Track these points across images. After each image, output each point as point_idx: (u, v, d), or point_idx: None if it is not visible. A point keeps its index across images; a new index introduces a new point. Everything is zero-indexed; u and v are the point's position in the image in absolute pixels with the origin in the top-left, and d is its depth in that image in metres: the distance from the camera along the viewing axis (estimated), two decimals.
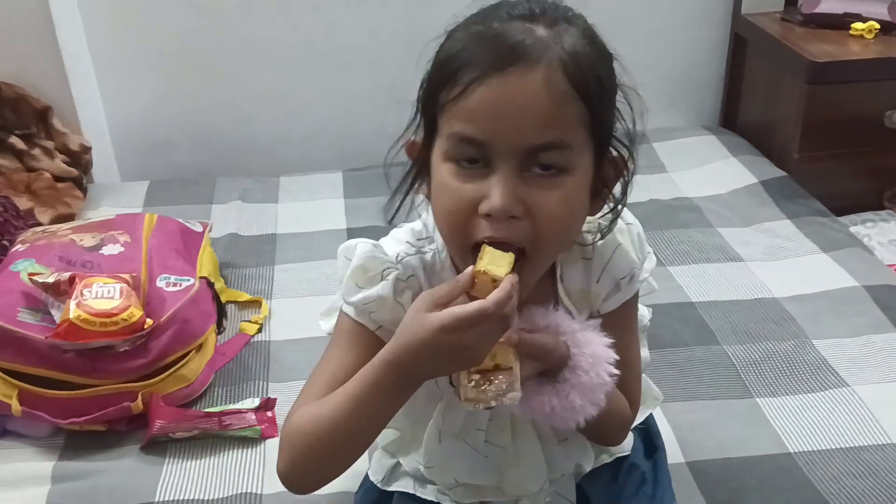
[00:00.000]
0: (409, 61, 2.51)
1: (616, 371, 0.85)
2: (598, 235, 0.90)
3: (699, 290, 1.60)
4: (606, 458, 1.07)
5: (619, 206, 0.88)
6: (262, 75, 2.18)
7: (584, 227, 0.89)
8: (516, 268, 0.78)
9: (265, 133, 2.23)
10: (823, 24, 2.01)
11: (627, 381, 0.91)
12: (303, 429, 0.84)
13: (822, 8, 2.01)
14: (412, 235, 0.93)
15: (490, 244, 0.77)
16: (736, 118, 2.27)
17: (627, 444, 1.08)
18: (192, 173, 2.17)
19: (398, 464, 1.06)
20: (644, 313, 1.06)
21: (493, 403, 0.79)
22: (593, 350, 0.85)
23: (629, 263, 0.93)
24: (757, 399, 1.33)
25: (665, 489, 1.09)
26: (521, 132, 0.76)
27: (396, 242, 0.93)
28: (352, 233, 1.82)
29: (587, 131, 0.79)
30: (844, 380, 1.36)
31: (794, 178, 1.94)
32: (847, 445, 1.24)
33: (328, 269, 1.70)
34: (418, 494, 1.03)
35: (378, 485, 1.07)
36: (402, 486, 1.05)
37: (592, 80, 0.78)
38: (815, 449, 1.24)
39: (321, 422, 0.82)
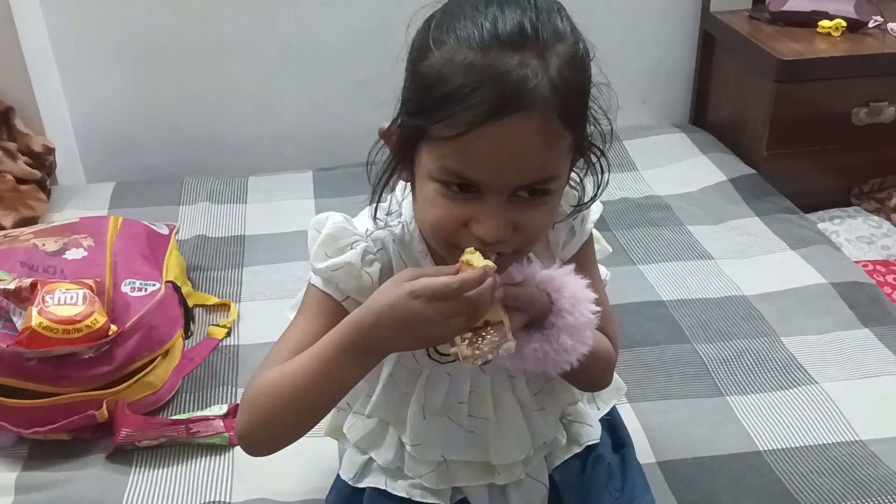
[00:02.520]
0: (381, 59, 2.47)
1: (597, 308, 0.88)
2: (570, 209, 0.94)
3: (670, 289, 1.60)
4: (577, 449, 1.08)
5: (592, 201, 0.91)
6: (233, 73, 2.15)
7: None
8: (501, 260, 0.82)
9: (235, 131, 2.21)
10: (791, 21, 2.02)
11: (603, 321, 0.93)
12: (266, 388, 0.84)
13: (790, 6, 2.02)
14: (381, 212, 0.94)
15: None
16: (706, 116, 2.28)
17: (596, 432, 1.09)
18: (160, 174, 2.13)
19: (370, 460, 1.06)
20: (603, 271, 1.09)
21: (489, 357, 0.81)
22: (573, 292, 0.87)
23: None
24: (727, 397, 1.34)
25: (636, 483, 1.09)
26: (516, 175, 0.79)
27: (366, 219, 0.95)
28: None
29: (570, 151, 0.82)
30: (813, 377, 1.37)
31: (763, 176, 1.96)
32: (816, 443, 1.25)
33: (298, 271, 1.68)
34: (389, 490, 1.03)
35: (350, 482, 1.07)
36: (374, 482, 1.05)
37: (578, 106, 0.80)
38: (784, 447, 1.24)
39: (283, 381, 0.83)
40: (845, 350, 1.43)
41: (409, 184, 0.90)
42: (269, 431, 0.86)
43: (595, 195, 0.92)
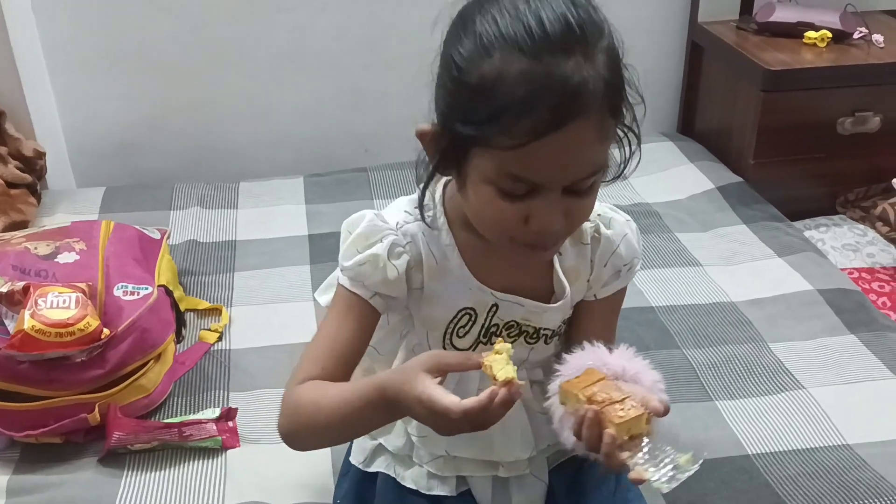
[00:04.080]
0: (373, 65, 2.50)
1: (663, 388, 0.90)
2: (596, 224, 0.99)
3: (659, 295, 1.62)
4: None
5: (618, 177, 0.92)
6: (224, 78, 2.15)
7: None
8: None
9: (227, 137, 2.21)
10: (777, 32, 2.05)
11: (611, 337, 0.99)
12: (304, 408, 0.91)
13: (776, 17, 2.04)
14: (410, 205, 0.97)
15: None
16: (693, 125, 2.30)
17: None
18: (151, 179, 2.13)
19: (380, 445, 1.08)
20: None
21: (681, 478, 0.82)
22: (646, 380, 0.89)
23: (632, 253, 1.01)
24: (716, 402, 1.35)
25: (630, 487, 1.10)
26: (573, 174, 0.82)
27: (396, 212, 0.97)
28: (313, 239, 1.81)
29: (614, 137, 0.85)
30: (800, 382, 1.39)
31: (750, 184, 1.98)
32: (803, 447, 1.26)
33: (290, 276, 1.69)
34: (398, 479, 1.05)
35: (360, 466, 1.09)
36: (384, 467, 1.07)
37: (621, 98, 0.83)
38: (772, 451, 1.26)
39: (319, 412, 0.89)
40: (832, 356, 1.45)
41: (443, 178, 0.94)
42: (305, 443, 0.98)
43: (624, 166, 0.92)
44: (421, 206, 0.95)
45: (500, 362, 0.80)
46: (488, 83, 0.78)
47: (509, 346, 0.81)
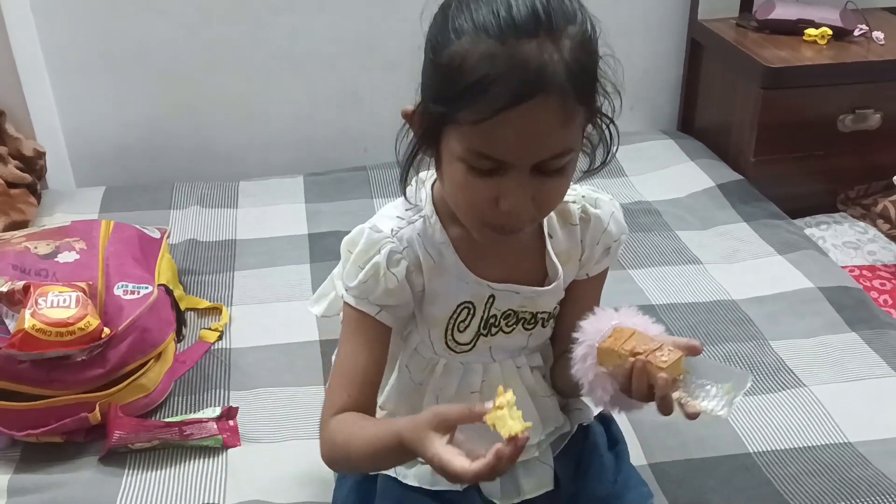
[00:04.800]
0: (370, 65, 2.50)
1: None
2: (582, 205, 1.01)
3: (659, 293, 1.62)
4: (569, 428, 1.12)
5: (608, 159, 0.94)
6: (222, 80, 2.15)
7: (569, 198, 0.99)
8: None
9: (224, 138, 2.21)
10: (777, 29, 2.05)
11: None
12: (338, 448, 0.96)
13: (776, 14, 2.04)
14: (401, 209, 1.00)
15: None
16: (693, 122, 2.30)
17: (589, 414, 1.13)
18: (150, 179, 2.13)
19: None
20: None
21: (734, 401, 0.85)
22: (656, 331, 0.91)
23: (621, 229, 1.04)
24: None
25: (630, 475, 1.11)
26: (538, 153, 0.83)
27: (388, 219, 0.99)
28: (313, 238, 1.81)
29: (584, 122, 0.87)
30: (801, 380, 1.38)
31: (751, 181, 1.98)
32: (805, 445, 1.26)
33: (289, 275, 1.69)
34: (400, 478, 1.05)
35: None
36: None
37: (590, 83, 0.85)
38: (774, 449, 1.26)
39: (351, 453, 0.94)
40: (833, 353, 1.45)
41: (432, 174, 0.96)
42: (345, 470, 1.07)
43: (605, 160, 0.94)
44: (405, 190, 0.97)
45: (504, 418, 0.80)
46: (455, 63, 0.82)
47: (511, 396, 0.81)
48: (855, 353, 1.44)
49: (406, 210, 0.99)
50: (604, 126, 0.90)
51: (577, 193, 1.01)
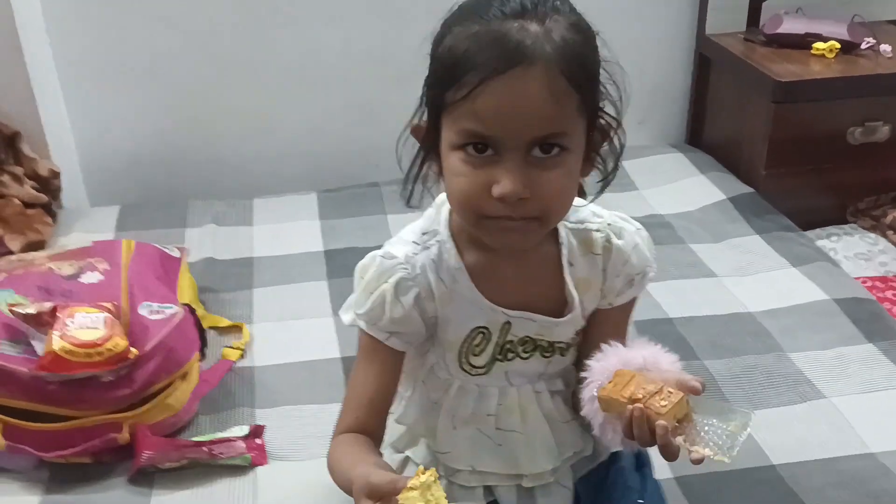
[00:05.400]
0: (382, 79, 2.52)
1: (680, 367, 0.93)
2: (607, 234, 1.00)
3: (676, 307, 1.63)
4: (603, 458, 1.11)
5: (611, 175, 0.96)
6: (234, 93, 2.16)
7: (594, 225, 1.00)
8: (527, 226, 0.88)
9: (237, 151, 2.22)
10: (785, 44, 2.07)
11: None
12: (331, 462, 0.99)
13: (784, 28, 2.06)
14: (418, 233, 1.00)
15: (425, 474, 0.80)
16: (701, 136, 2.32)
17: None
18: (163, 195, 2.14)
19: (407, 458, 1.09)
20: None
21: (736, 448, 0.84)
22: (667, 361, 0.92)
23: (644, 262, 1.02)
24: None
25: (654, 499, 1.11)
26: (526, 127, 0.83)
27: (403, 244, 0.99)
28: (330, 254, 1.82)
29: (580, 112, 0.87)
30: (822, 392, 1.39)
31: (762, 194, 1.99)
32: (827, 456, 1.27)
33: (308, 291, 1.70)
34: None
35: None
36: None
37: (583, 68, 0.85)
38: (797, 461, 1.26)
39: (332, 473, 0.98)
40: (851, 365, 1.46)
41: (445, 202, 0.96)
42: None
43: (615, 166, 0.95)
44: (409, 198, 0.97)
45: (413, 500, 0.77)
46: (446, 48, 0.86)
47: (429, 477, 0.78)
48: (873, 365, 1.45)
49: (422, 234, 0.99)
50: (610, 131, 0.91)
51: (603, 221, 1.01)
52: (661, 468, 1.20)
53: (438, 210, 1.00)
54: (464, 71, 0.82)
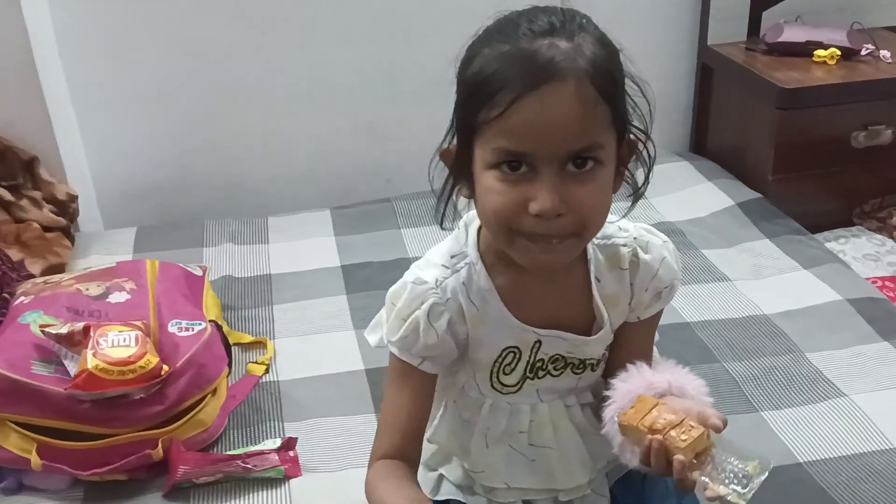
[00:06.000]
0: (390, 98, 2.54)
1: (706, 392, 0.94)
2: (633, 248, 1.01)
3: (693, 311, 1.65)
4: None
5: (643, 188, 0.97)
6: (246, 116, 2.19)
7: (620, 240, 1.00)
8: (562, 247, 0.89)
9: (251, 173, 2.24)
10: (787, 52, 2.11)
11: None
12: (369, 489, 0.99)
13: (786, 37, 2.10)
14: (447, 256, 1.00)
15: None
16: (705, 144, 2.35)
17: None
18: (177, 217, 2.16)
19: (441, 475, 1.10)
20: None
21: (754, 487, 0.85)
22: (693, 386, 0.93)
23: (672, 275, 1.03)
24: (762, 413, 1.38)
25: (690, 499, 1.12)
26: (560, 142, 0.84)
27: (433, 267, 0.99)
28: (347, 270, 1.84)
29: (611, 126, 0.87)
30: (841, 390, 1.42)
31: (769, 199, 2.02)
32: (852, 452, 1.29)
33: (327, 307, 1.72)
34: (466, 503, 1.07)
35: (428, 495, 1.08)
36: (451, 494, 1.09)
37: (612, 82, 0.86)
38: (823, 458, 1.29)
39: (372, 501, 0.98)
40: (868, 363, 1.48)
41: (474, 215, 0.96)
42: None
43: (647, 179, 0.97)
44: (442, 221, 0.97)
45: None
46: (476, 69, 0.86)
47: None
48: (890, 362, 1.48)
49: (451, 257, 0.99)
50: (638, 144, 0.93)
51: (629, 235, 1.01)
52: None
53: (465, 231, 1.00)
54: (496, 90, 0.83)
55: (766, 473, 0.85)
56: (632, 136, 0.93)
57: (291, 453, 1.31)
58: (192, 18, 2.08)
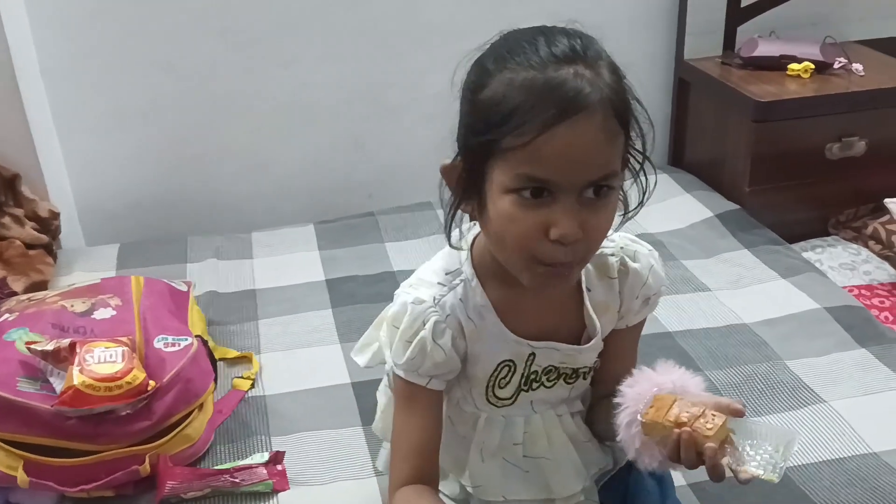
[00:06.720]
0: (372, 114, 2.56)
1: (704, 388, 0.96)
2: (621, 258, 1.03)
3: (674, 321, 1.68)
4: (621, 463, 1.13)
5: (639, 207, 0.99)
6: (229, 133, 2.20)
7: (608, 249, 1.02)
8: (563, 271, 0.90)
9: (233, 190, 2.25)
10: (761, 66, 2.15)
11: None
12: None
13: (761, 51, 2.14)
14: (441, 273, 1.01)
15: None
16: (683, 157, 2.38)
17: None
18: (160, 234, 2.16)
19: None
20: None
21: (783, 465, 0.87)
22: (694, 383, 0.95)
23: (660, 281, 1.06)
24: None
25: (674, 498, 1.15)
26: (586, 170, 0.85)
27: (428, 286, 1.00)
28: (331, 284, 1.85)
29: (623, 152, 0.90)
30: (821, 396, 1.44)
31: (747, 210, 2.06)
32: (833, 457, 1.32)
33: (313, 321, 1.72)
34: None
35: None
36: None
37: (628, 110, 0.89)
38: (804, 463, 1.31)
39: None
40: (847, 369, 1.51)
41: (468, 230, 0.98)
42: None
43: (642, 201, 0.99)
44: (449, 239, 0.99)
45: None
46: (499, 93, 0.86)
47: None
48: (868, 369, 1.51)
49: (446, 275, 1.00)
50: (637, 162, 0.94)
51: (616, 245, 1.03)
52: (676, 477, 1.24)
53: (460, 247, 1.01)
54: (523, 119, 0.83)
55: (794, 445, 0.88)
56: (632, 158, 0.94)
57: (279, 467, 1.31)
58: (175, 36, 2.09)
